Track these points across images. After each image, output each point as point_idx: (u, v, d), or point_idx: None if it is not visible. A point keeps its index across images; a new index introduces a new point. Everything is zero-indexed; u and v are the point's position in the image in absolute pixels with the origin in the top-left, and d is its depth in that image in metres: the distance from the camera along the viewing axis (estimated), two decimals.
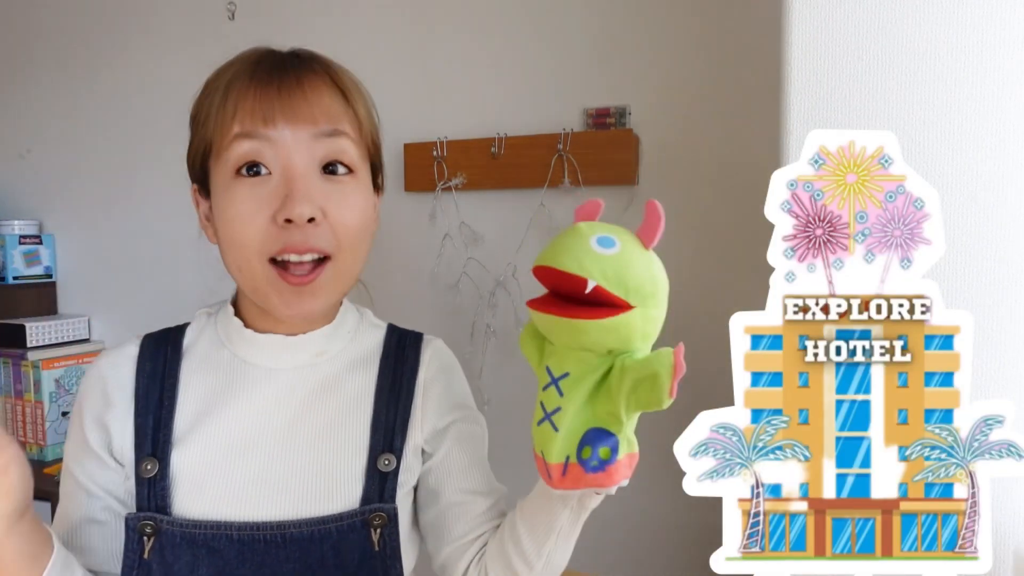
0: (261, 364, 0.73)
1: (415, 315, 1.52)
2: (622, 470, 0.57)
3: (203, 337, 0.76)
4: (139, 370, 0.73)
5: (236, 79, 0.68)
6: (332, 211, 0.68)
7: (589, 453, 0.56)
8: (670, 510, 1.33)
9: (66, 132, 1.91)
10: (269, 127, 0.66)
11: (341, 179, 0.69)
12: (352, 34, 1.55)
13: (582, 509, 0.65)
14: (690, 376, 0.45)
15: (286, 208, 0.65)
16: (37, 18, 1.93)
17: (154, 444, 0.70)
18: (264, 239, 0.66)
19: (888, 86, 0.76)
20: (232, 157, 0.66)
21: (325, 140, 0.68)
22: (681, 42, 1.30)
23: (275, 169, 0.66)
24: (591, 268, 0.52)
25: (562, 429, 0.57)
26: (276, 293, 0.68)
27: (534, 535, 0.66)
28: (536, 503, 0.66)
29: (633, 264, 0.53)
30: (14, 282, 1.86)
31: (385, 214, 1.54)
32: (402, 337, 0.80)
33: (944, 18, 0.74)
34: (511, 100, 1.42)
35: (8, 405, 1.83)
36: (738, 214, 1.26)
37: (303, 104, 0.67)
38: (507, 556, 0.68)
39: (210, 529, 0.67)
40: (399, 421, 0.73)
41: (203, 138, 0.69)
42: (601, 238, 0.54)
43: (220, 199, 0.68)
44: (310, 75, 0.69)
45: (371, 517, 0.70)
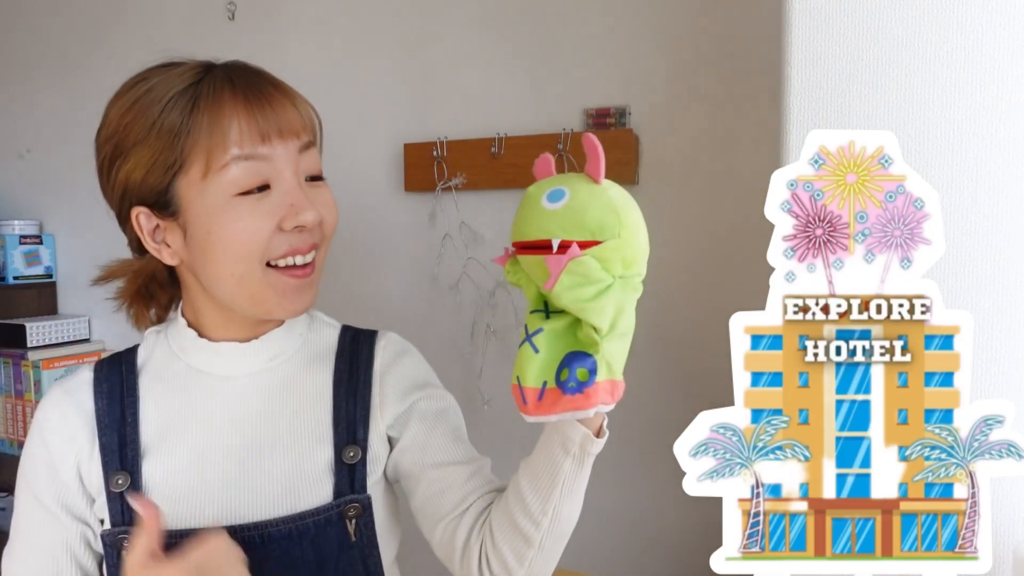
0: (217, 372, 0.74)
1: (415, 315, 1.52)
2: (601, 393, 0.56)
3: (156, 353, 0.77)
4: (96, 392, 0.73)
5: (215, 96, 0.66)
6: (320, 211, 0.71)
7: (567, 375, 0.56)
8: (670, 510, 1.33)
9: (66, 132, 1.91)
10: (266, 144, 0.67)
11: (318, 184, 0.73)
12: (352, 35, 1.55)
13: (584, 455, 0.63)
14: (690, 376, 0.45)
15: (297, 216, 0.68)
16: (38, 18, 1.94)
17: (122, 459, 0.70)
18: (268, 246, 0.68)
19: (888, 87, 0.76)
20: (232, 179, 0.66)
21: (305, 152, 0.71)
22: (681, 42, 1.30)
23: (274, 184, 0.68)
24: (550, 227, 0.54)
25: (543, 351, 0.57)
26: (278, 293, 0.69)
27: (538, 489, 0.65)
28: (538, 457, 0.65)
29: (588, 207, 0.55)
30: (14, 282, 1.86)
31: (385, 214, 1.55)
32: (356, 334, 0.81)
33: (944, 19, 0.74)
34: (511, 100, 1.42)
35: (8, 405, 1.83)
36: (738, 214, 1.26)
37: (285, 119, 0.69)
38: (512, 517, 0.67)
39: (187, 537, 0.67)
40: (359, 413, 0.74)
41: (166, 155, 0.66)
42: (550, 193, 0.56)
43: (213, 218, 0.67)
44: (280, 88, 0.71)
45: (346, 508, 0.71)
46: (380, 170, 1.54)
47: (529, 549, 0.66)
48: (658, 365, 1.31)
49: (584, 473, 0.65)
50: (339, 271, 1.57)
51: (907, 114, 0.75)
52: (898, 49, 0.75)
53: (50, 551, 0.71)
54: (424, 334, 1.45)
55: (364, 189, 1.55)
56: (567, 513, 0.66)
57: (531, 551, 0.66)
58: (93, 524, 0.72)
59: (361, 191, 1.55)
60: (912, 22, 0.75)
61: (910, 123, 0.75)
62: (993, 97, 0.73)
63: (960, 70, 0.74)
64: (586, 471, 0.65)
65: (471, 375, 1.46)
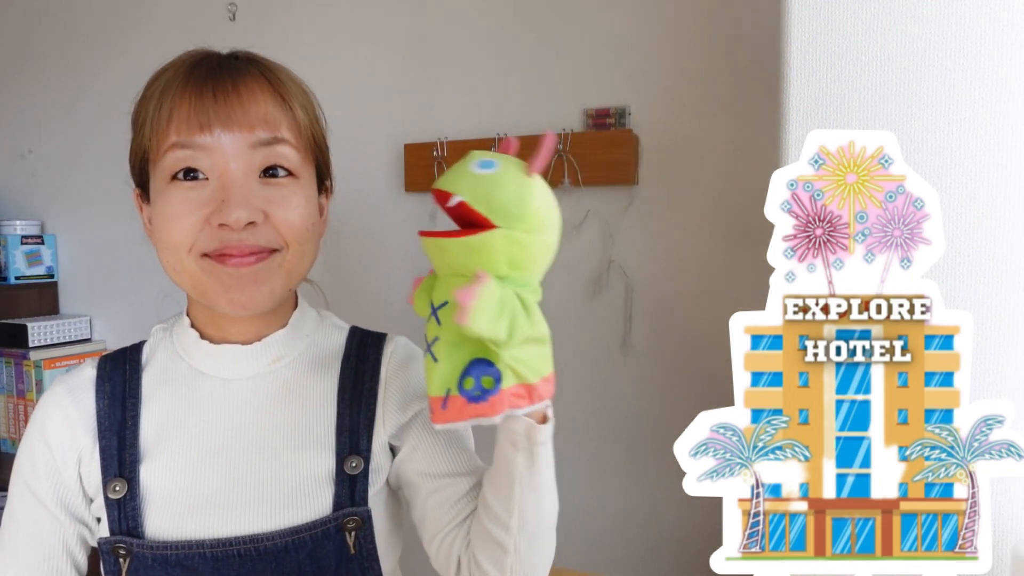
0: (218, 375, 0.73)
1: (415, 315, 1.52)
2: (508, 399, 0.56)
3: (159, 351, 0.75)
4: (99, 392, 0.72)
5: (171, 85, 0.67)
6: (274, 212, 0.66)
7: (472, 384, 0.55)
8: (670, 510, 1.33)
9: (68, 132, 1.91)
10: (205, 134, 0.65)
11: (281, 181, 0.68)
12: (352, 35, 1.56)
13: (532, 446, 0.61)
14: (690, 376, 0.45)
15: (222, 212, 0.64)
16: (38, 18, 1.94)
17: (120, 465, 0.69)
18: (197, 238, 0.65)
19: (888, 86, 0.76)
20: (167, 165, 0.66)
21: (263, 148, 0.66)
22: (681, 42, 1.30)
23: (212, 175, 0.66)
24: (461, 185, 0.54)
25: (442, 360, 0.56)
26: (216, 282, 0.66)
27: (498, 492, 0.64)
28: (494, 460, 0.65)
29: (504, 185, 0.54)
30: (16, 282, 1.86)
31: (385, 214, 1.55)
32: (364, 337, 0.78)
33: (944, 19, 0.74)
34: (511, 100, 1.42)
35: (10, 404, 1.83)
36: (738, 214, 1.26)
37: (239, 110, 0.65)
38: (483, 526, 0.66)
39: (182, 549, 0.67)
40: (363, 422, 0.72)
41: (140, 144, 0.69)
42: (483, 161, 0.55)
43: (156, 203, 0.67)
44: (247, 79, 0.67)
45: (345, 521, 0.69)
46: (380, 170, 1.54)
47: (506, 556, 0.65)
48: (658, 365, 1.31)
49: (539, 466, 0.63)
50: (339, 271, 1.58)
51: (907, 114, 0.75)
52: (898, 49, 0.75)
53: (47, 549, 0.71)
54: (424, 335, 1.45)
55: (364, 189, 1.55)
56: (533, 511, 0.64)
57: (508, 557, 0.65)
58: (90, 523, 0.72)
59: (361, 191, 1.55)
60: (912, 22, 0.75)
61: (910, 123, 0.75)
62: (993, 97, 0.73)
63: (960, 70, 0.74)
64: (541, 464, 0.63)
65: None
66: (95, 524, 0.72)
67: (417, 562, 0.91)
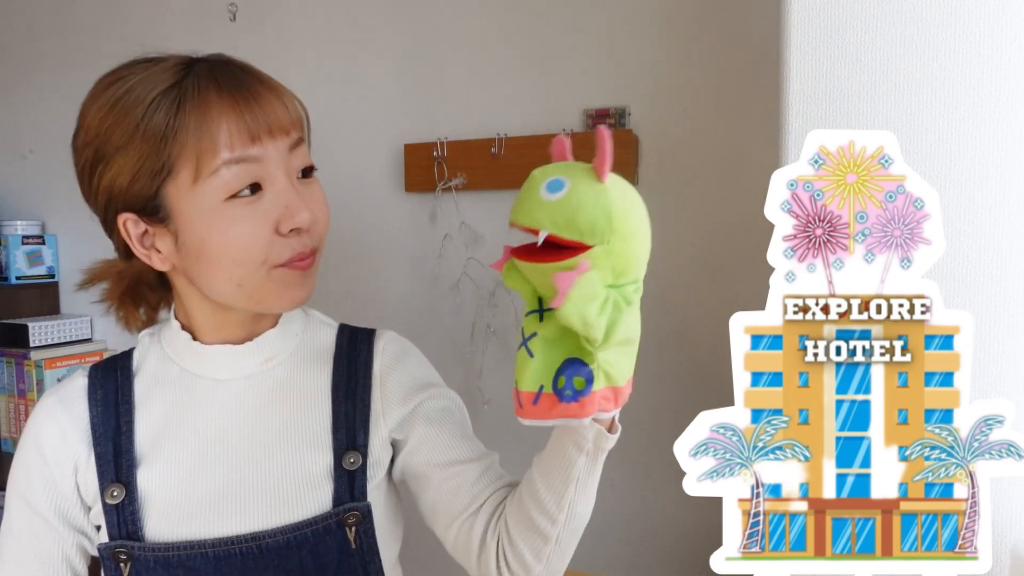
0: (212, 376, 0.73)
1: (415, 315, 1.53)
2: (598, 401, 0.55)
3: (150, 356, 0.75)
4: (91, 399, 0.72)
5: (201, 96, 0.63)
6: (315, 211, 0.69)
7: (564, 383, 0.55)
8: (670, 510, 1.33)
9: (68, 132, 1.90)
10: (256, 145, 0.64)
11: (311, 180, 0.71)
12: (352, 35, 1.56)
13: (598, 452, 0.62)
14: (690, 376, 0.45)
15: (292, 219, 0.66)
16: (39, 18, 1.94)
17: (117, 470, 0.69)
18: (270, 251, 0.66)
19: (888, 87, 0.76)
20: (222, 183, 0.63)
21: (296, 150, 0.68)
22: (681, 42, 1.30)
23: (266, 184, 0.66)
24: (541, 218, 0.52)
25: (537, 356, 0.56)
26: (281, 286, 0.68)
27: (552, 487, 0.64)
28: (551, 455, 0.64)
29: (583, 204, 0.52)
30: (17, 282, 1.86)
31: (385, 214, 1.55)
32: (354, 333, 0.79)
33: (943, 19, 0.74)
34: (511, 100, 1.42)
35: (11, 404, 1.83)
36: (738, 214, 1.26)
37: (274, 116, 0.66)
38: (528, 515, 0.66)
39: (184, 550, 0.67)
40: (359, 417, 0.73)
41: (152, 161, 0.63)
42: (551, 183, 0.53)
43: (206, 224, 0.64)
44: (258, 83, 0.67)
45: (345, 516, 0.70)
46: (380, 170, 1.54)
47: (546, 545, 0.66)
48: (658, 365, 1.31)
49: (597, 469, 0.64)
50: (339, 271, 1.58)
51: (907, 114, 0.75)
52: (898, 49, 0.75)
53: (46, 561, 0.71)
54: (424, 334, 1.45)
55: (364, 189, 1.55)
56: (582, 509, 0.65)
57: (548, 547, 0.66)
58: (89, 532, 0.72)
59: (361, 191, 1.55)
60: (912, 22, 0.75)
61: (910, 123, 0.75)
62: (993, 97, 0.73)
63: (959, 70, 0.74)
64: (599, 467, 0.64)
65: (471, 375, 1.46)
66: (94, 533, 0.72)
67: (417, 555, 0.91)
